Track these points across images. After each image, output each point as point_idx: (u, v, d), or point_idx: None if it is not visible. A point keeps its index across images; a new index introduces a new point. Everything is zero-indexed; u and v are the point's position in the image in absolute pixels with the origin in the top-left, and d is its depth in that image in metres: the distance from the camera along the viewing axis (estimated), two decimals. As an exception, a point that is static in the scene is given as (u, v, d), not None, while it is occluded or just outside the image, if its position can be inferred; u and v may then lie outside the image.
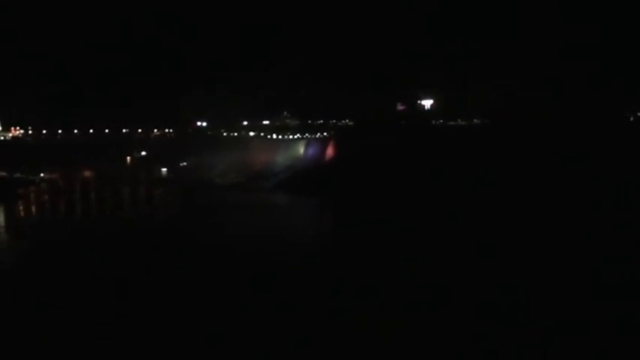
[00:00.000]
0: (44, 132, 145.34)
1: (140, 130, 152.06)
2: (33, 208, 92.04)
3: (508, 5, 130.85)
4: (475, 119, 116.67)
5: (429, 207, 70.37)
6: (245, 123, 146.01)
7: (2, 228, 72.46)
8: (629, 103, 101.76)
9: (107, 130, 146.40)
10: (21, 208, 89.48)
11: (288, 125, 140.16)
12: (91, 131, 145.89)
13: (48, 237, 65.26)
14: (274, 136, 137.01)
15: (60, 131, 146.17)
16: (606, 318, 32.61)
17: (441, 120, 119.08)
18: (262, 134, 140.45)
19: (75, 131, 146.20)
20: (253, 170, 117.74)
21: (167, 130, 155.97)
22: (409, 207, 71.17)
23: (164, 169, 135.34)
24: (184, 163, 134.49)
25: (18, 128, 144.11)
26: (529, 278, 41.17)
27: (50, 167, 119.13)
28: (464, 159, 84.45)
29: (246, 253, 52.21)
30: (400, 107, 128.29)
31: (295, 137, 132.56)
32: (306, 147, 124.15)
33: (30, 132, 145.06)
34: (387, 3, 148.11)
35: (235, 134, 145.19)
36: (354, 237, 59.73)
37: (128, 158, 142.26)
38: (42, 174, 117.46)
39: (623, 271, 40.94)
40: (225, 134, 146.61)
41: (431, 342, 30.58)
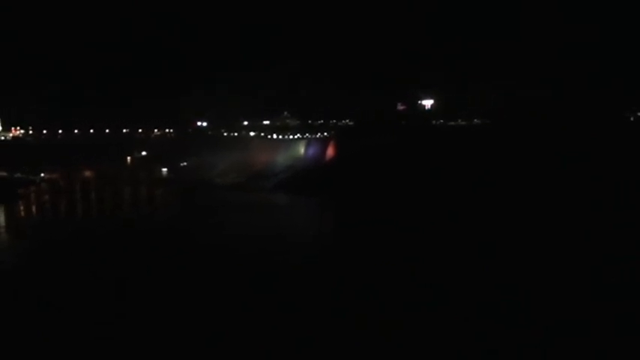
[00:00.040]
0: (45, 132, 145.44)
1: (140, 130, 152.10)
2: (33, 208, 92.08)
3: (508, 5, 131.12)
4: (475, 119, 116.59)
5: (429, 207, 70.41)
6: (245, 123, 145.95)
7: (3, 228, 72.55)
8: (629, 103, 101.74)
9: (107, 130, 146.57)
10: (21, 208, 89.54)
11: (288, 125, 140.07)
12: (92, 131, 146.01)
13: (48, 237, 65.31)
14: (275, 136, 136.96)
15: (60, 131, 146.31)
16: (606, 318, 32.65)
17: (442, 120, 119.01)
18: (263, 134, 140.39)
19: (75, 131, 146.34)
20: (254, 170, 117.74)
21: (167, 130, 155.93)
22: (409, 207, 71.21)
23: (164, 169, 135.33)
24: (185, 163, 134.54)
25: (18, 128, 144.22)
26: (529, 278, 41.22)
27: (51, 167, 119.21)
28: (464, 159, 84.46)
29: (247, 253, 52.27)
30: (401, 107, 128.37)
31: (295, 137, 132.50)
32: (306, 147, 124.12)
33: (30, 132, 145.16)
34: (387, 3, 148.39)
35: (236, 134, 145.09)
36: (355, 237, 59.77)
37: (128, 158, 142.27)
38: (42, 174, 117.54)
39: (623, 271, 40.99)
40: (225, 134, 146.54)
41: (431, 342, 30.64)
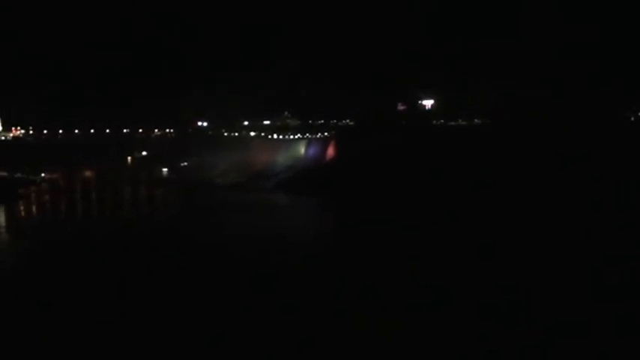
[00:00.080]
0: (45, 132, 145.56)
1: (141, 130, 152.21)
2: (34, 208, 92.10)
3: (508, 5, 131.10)
4: (476, 119, 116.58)
5: (430, 207, 70.43)
6: (246, 123, 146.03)
7: (3, 228, 72.57)
8: (629, 103, 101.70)
9: (108, 130, 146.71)
10: (22, 208, 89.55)
11: (288, 125, 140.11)
12: (92, 131, 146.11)
13: (49, 237, 65.30)
14: (275, 136, 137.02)
15: (61, 131, 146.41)
16: (606, 318, 32.64)
17: (442, 120, 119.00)
18: (263, 134, 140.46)
19: (76, 131, 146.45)
20: (254, 170, 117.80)
21: (168, 130, 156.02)
22: (410, 207, 71.23)
23: (165, 169, 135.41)
24: (185, 163, 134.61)
25: (19, 128, 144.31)
26: (529, 278, 41.21)
27: (51, 167, 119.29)
28: (465, 159, 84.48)
29: (247, 253, 52.25)
30: (401, 107, 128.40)
31: (296, 137, 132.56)
32: (306, 147, 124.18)
33: (31, 132, 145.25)
34: (387, 3, 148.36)
35: (236, 134, 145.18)
36: (355, 237, 59.78)
37: (129, 158, 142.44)
38: (43, 174, 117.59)
39: (623, 271, 40.98)
40: (225, 134, 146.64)
41: (431, 342, 30.63)
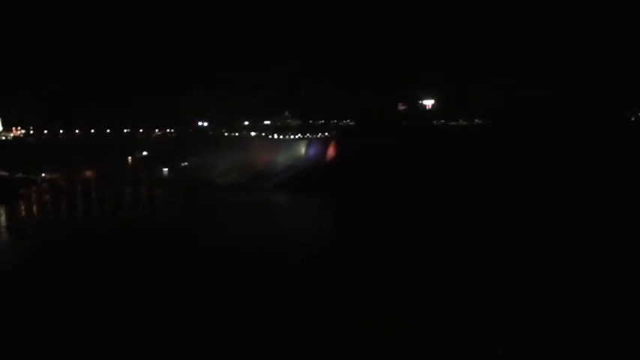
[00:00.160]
0: (45, 132, 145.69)
1: (141, 130, 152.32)
2: (34, 208, 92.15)
3: (508, 5, 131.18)
4: (476, 119, 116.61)
5: (430, 207, 70.43)
6: (246, 123, 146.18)
7: (4, 228, 72.61)
8: (629, 103, 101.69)
9: (108, 130, 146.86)
10: (22, 208, 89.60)
11: (289, 125, 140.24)
12: (93, 131, 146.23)
13: (49, 237, 65.32)
14: (275, 136, 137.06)
15: (61, 131, 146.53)
16: (606, 318, 32.65)
17: (442, 120, 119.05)
18: (263, 134, 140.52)
19: (76, 131, 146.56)
20: (254, 170, 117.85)
21: (168, 130, 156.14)
22: (410, 207, 71.22)
23: (165, 169, 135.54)
24: (185, 163, 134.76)
25: (19, 128, 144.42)
26: (529, 278, 41.21)
27: (51, 167, 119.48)
28: (465, 159, 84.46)
29: (247, 253, 52.26)
30: (401, 107, 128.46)
31: (296, 137, 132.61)
32: (307, 147, 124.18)
33: (31, 132, 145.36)
34: (387, 3, 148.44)
35: (236, 134, 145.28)
36: (355, 237, 59.78)
37: (129, 158, 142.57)
38: (43, 174, 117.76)
39: (623, 271, 40.97)
40: (226, 134, 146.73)
41: (431, 342, 30.64)
